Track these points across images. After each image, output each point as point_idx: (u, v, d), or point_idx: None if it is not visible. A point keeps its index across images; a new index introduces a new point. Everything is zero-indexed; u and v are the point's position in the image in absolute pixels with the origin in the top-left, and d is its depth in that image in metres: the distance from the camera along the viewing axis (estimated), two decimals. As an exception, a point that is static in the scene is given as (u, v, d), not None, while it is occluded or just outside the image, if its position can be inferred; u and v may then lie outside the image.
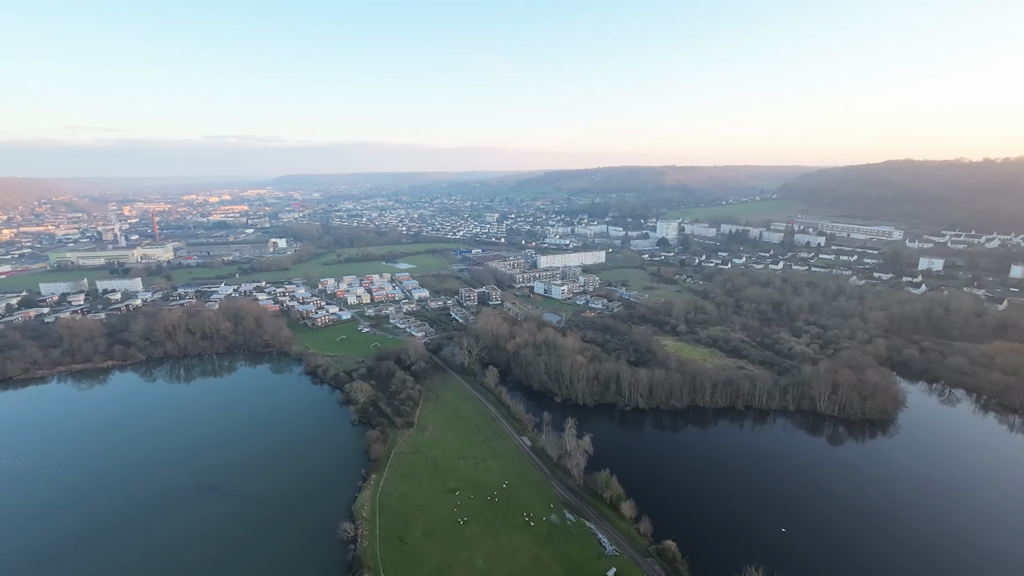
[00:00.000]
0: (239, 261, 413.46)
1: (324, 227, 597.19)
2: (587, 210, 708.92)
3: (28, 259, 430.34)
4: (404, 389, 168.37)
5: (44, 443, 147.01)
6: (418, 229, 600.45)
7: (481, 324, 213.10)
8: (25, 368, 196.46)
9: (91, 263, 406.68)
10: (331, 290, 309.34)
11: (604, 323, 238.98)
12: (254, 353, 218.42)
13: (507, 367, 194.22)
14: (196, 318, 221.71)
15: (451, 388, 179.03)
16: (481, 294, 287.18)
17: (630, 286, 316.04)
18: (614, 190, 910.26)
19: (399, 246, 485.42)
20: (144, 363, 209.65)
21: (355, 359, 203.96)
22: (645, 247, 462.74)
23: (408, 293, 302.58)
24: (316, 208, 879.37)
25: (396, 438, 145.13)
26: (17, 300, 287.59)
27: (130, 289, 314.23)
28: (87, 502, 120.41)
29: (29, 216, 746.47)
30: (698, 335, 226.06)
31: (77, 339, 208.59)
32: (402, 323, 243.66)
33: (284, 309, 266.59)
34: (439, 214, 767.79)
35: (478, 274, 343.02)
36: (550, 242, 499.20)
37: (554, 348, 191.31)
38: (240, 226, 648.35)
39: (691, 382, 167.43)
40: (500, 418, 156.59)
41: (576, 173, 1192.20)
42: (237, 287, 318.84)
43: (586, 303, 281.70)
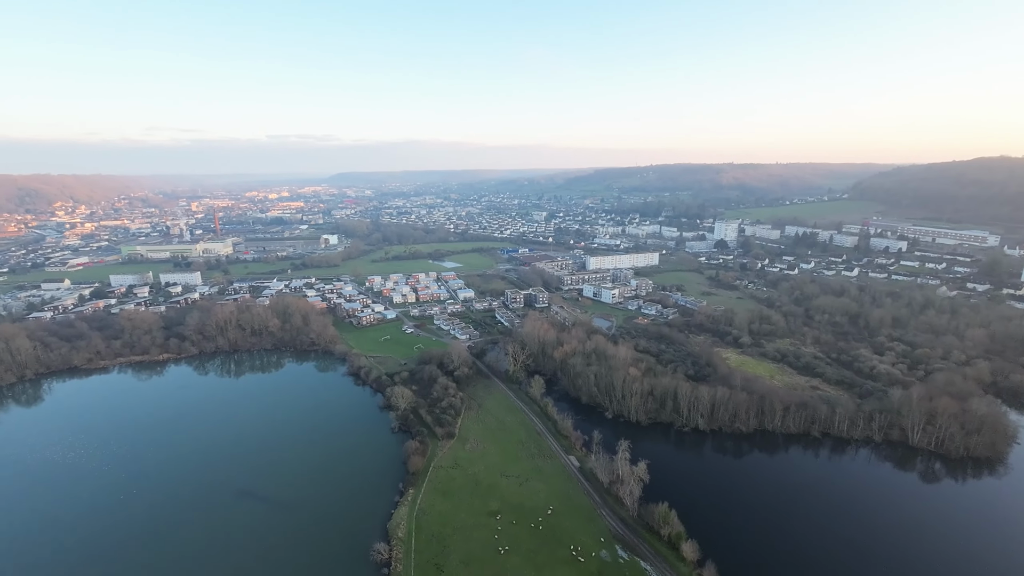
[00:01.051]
0: (292, 257, 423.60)
1: (374, 224, 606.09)
2: (639, 209, 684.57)
3: (104, 251, 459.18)
4: (446, 396, 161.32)
5: (96, 436, 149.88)
6: (465, 227, 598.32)
7: (527, 329, 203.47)
8: (89, 358, 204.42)
9: (158, 256, 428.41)
10: (378, 288, 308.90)
11: (658, 331, 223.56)
12: (300, 351, 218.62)
13: (554, 376, 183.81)
14: (247, 314, 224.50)
15: (494, 397, 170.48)
16: (527, 296, 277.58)
17: (686, 291, 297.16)
18: (668, 188, 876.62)
19: (446, 244, 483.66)
20: (197, 357, 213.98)
21: (398, 361, 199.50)
22: (702, 249, 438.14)
23: (453, 293, 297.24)
24: (368, 205, 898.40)
25: (436, 449, 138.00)
26: (90, 291, 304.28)
27: (190, 283, 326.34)
28: (129, 501, 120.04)
29: (109, 211, 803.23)
30: (764, 348, 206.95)
31: (137, 331, 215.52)
32: (446, 324, 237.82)
33: (331, 307, 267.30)
34: (486, 212, 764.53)
35: (525, 275, 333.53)
36: (599, 242, 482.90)
37: (605, 358, 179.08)
38: (296, 222, 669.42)
39: (759, 403, 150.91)
40: (546, 433, 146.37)
41: (627, 171, 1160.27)
42: (288, 283, 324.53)
43: (638, 309, 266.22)
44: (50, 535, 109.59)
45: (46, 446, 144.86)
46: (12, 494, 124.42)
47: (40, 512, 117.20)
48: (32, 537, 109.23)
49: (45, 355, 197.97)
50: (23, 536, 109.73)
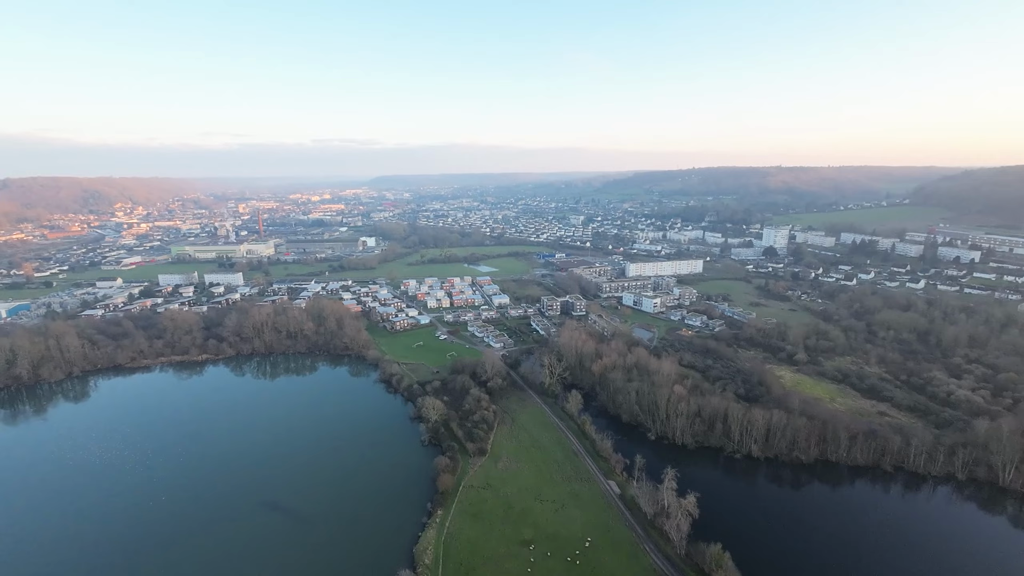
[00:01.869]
0: (330, 259, 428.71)
1: (411, 227, 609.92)
2: (680, 214, 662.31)
3: (155, 251, 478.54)
4: (478, 409, 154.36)
5: (133, 436, 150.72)
6: (501, 231, 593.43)
7: (564, 340, 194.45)
8: (132, 357, 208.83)
9: (204, 256, 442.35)
10: (412, 292, 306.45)
11: (704, 345, 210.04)
12: (334, 355, 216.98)
13: (592, 391, 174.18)
14: (282, 317, 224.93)
15: (529, 411, 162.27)
16: (564, 304, 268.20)
17: (733, 302, 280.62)
18: (711, 192, 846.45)
19: (481, 248, 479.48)
20: (234, 358, 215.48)
21: (430, 369, 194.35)
22: (749, 256, 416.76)
23: (488, 299, 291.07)
24: (406, 208, 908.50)
25: (467, 467, 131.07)
26: (139, 290, 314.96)
27: (232, 283, 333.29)
28: (156, 507, 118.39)
29: (164, 212, 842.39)
30: (822, 367, 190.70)
31: (178, 331, 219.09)
32: (480, 331, 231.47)
33: (366, 310, 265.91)
34: (523, 215, 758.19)
35: (561, 281, 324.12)
36: (639, 248, 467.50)
37: (647, 373, 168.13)
38: (336, 224, 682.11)
39: (821, 430, 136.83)
40: (583, 454, 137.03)
41: (668, 174, 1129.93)
42: (325, 285, 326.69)
43: (682, 319, 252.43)
44: (75, 536, 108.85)
45: (85, 444, 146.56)
46: (47, 492, 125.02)
47: (67, 512, 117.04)
48: (58, 537, 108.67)
49: (92, 353, 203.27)
50: (49, 535, 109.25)
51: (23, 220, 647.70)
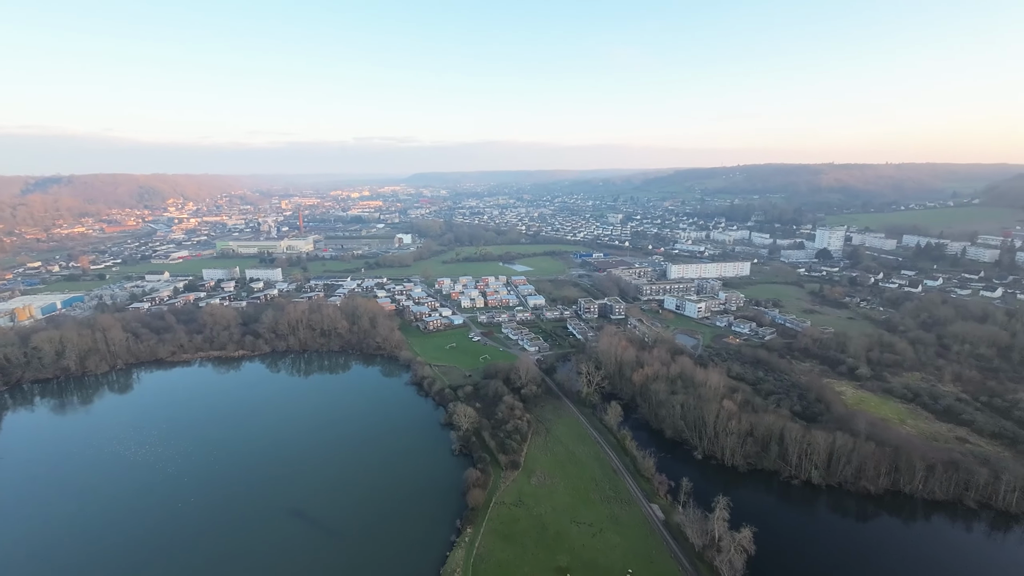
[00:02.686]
0: (367, 256, 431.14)
1: (447, 224, 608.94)
2: (724, 213, 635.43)
3: (202, 246, 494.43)
4: (511, 418, 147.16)
5: (167, 433, 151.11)
6: (537, 229, 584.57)
7: (603, 346, 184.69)
8: (173, 351, 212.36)
9: (247, 252, 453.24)
10: (446, 291, 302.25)
11: (754, 355, 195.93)
12: (366, 354, 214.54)
13: (632, 402, 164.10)
14: (317, 314, 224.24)
15: (564, 421, 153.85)
16: (602, 306, 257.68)
17: (784, 308, 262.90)
18: (757, 191, 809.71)
19: (517, 246, 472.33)
20: (269, 355, 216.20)
21: (462, 372, 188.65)
22: (800, 259, 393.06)
23: (523, 299, 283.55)
24: (442, 205, 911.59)
25: (498, 481, 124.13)
26: (184, 284, 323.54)
27: (271, 279, 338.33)
28: (187, 509, 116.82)
29: (212, 207, 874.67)
30: (888, 383, 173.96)
31: (217, 327, 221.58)
32: (515, 334, 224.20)
33: (399, 309, 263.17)
34: (559, 213, 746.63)
35: (599, 282, 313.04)
36: (681, 248, 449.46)
37: (692, 385, 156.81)
38: (373, 221, 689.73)
39: (892, 457, 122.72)
40: (623, 472, 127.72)
41: (711, 172, 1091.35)
42: (361, 282, 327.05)
43: (729, 326, 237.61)
44: (99, 533, 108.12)
45: (122, 438, 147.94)
46: (80, 485, 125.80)
47: (96, 507, 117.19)
48: (82, 532, 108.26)
49: (135, 346, 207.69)
50: (75, 529, 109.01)
51: (84, 215, 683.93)
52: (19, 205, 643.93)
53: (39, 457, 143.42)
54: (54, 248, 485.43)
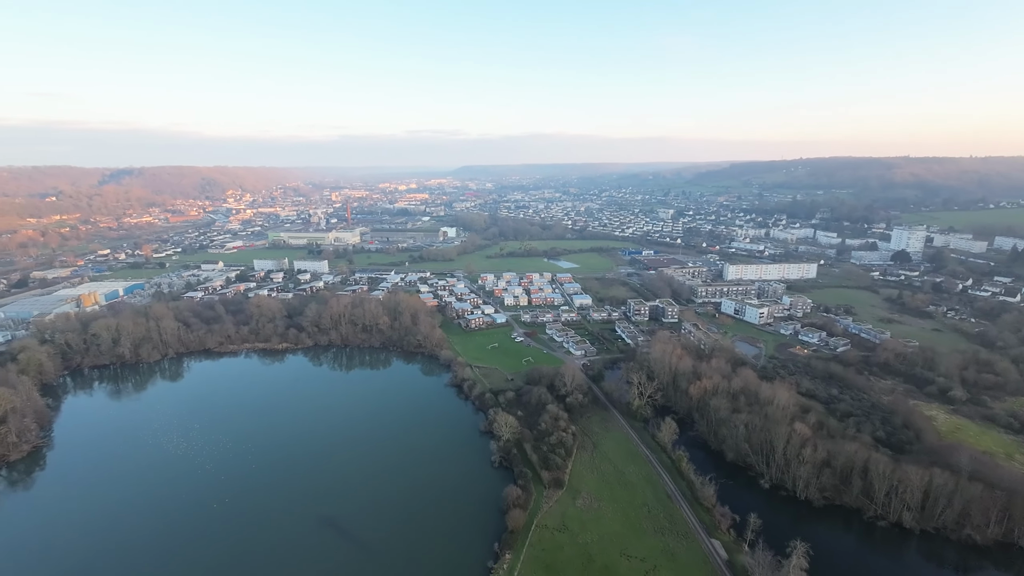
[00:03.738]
0: (411, 249, 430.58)
1: (491, 218, 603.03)
2: (785, 209, 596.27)
3: (255, 236, 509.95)
4: (555, 430, 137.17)
5: (211, 425, 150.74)
6: (584, 224, 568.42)
7: (655, 353, 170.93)
8: (220, 342, 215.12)
9: (297, 243, 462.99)
10: (490, 287, 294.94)
11: (827, 369, 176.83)
12: (407, 351, 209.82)
13: (688, 416, 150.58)
14: (359, 309, 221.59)
15: (613, 435, 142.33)
16: (654, 308, 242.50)
17: (858, 316, 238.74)
18: (821, 186, 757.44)
19: (562, 242, 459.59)
20: (312, 349, 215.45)
21: (504, 375, 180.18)
22: (873, 261, 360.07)
23: (568, 298, 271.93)
24: (487, 198, 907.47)
25: (540, 500, 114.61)
26: (235, 274, 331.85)
27: (317, 271, 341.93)
28: (221, 508, 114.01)
29: (267, 199, 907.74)
30: (989, 409, 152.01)
31: (263, 319, 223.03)
32: (559, 336, 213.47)
33: (441, 305, 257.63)
34: (607, 208, 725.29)
35: (649, 281, 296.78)
36: (738, 246, 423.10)
37: (757, 402, 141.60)
38: (419, 213, 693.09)
39: (1005, 502, 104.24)
40: (679, 498, 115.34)
41: (769, 165, 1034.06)
42: (404, 276, 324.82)
43: (795, 334, 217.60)
44: (130, 526, 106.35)
45: (165, 430, 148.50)
46: (117, 476, 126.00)
47: (131, 499, 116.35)
48: (112, 524, 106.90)
49: (186, 336, 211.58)
50: (106, 522, 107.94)
51: (152, 204, 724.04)
52: (95, 195, 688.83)
53: (89, 441, 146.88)
54: (123, 236, 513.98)
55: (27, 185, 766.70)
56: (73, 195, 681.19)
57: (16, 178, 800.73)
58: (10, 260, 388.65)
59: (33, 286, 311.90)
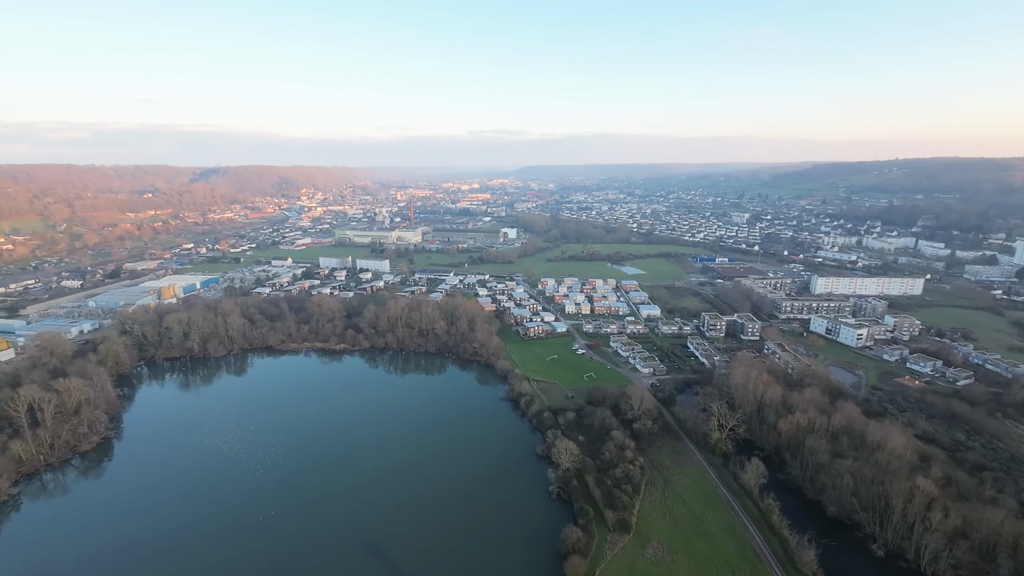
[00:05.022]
0: (471, 249, 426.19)
1: (553, 219, 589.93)
2: (879, 215, 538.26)
3: (323, 234, 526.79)
4: (621, 461, 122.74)
5: (265, 429, 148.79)
6: (650, 227, 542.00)
7: (737, 378, 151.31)
8: (282, 340, 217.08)
9: (361, 241, 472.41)
10: (550, 292, 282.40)
11: (947, 407, 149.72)
12: (463, 359, 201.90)
13: (777, 454, 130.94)
14: (416, 312, 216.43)
15: (687, 472, 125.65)
16: (731, 323, 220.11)
17: (980, 343, 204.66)
18: (921, 189, 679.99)
19: (627, 246, 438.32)
20: (368, 351, 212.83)
21: (564, 391, 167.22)
22: (993, 277, 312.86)
23: (634, 308, 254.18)
24: (549, 199, 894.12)
25: (603, 545, 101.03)
26: (301, 271, 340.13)
27: (378, 270, 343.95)
28: (266, 522, 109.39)
29: (337, 197, 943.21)
30: None
31: (323, 318, 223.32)
32: (625, 350, 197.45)
33: (500, 310, 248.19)
34: (675, 210, 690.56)
35: (725, 292, 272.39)
36: (825, 255, 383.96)
37: (864, 445, 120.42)
38: (480, 214, 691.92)
39: None
40: (770, 559, 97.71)
41: (858, 166, 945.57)
42: (463, 278, 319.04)
43: (901, 361, 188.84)
44: (169, 539, 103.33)
45: (223, 430, 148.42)
46: (168, 476, 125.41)
47: (177, 508, 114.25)
48: (157, 535, 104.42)
49: (250, 332, 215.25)
50: (151, 525, 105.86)
51: (234, 202, 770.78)
52: (185, 192, 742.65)
53: (152, 436, 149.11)
54: (206, 231, 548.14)
55: (129, 182, 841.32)
56: (167, 192, 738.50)
57: (120, 176, 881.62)
58: (108, 252, 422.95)
59: (124, 277, 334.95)
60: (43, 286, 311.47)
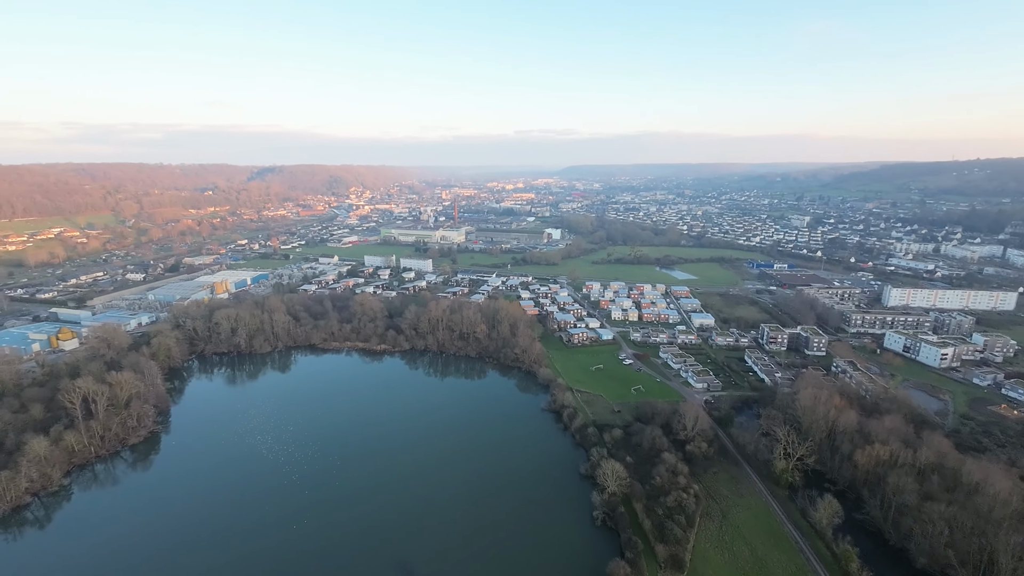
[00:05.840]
0: (514, 250, 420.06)
1: (599, 220, 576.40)
2: (959, 220, 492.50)
3: (369, 232, 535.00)
4: (673, 488, 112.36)
5: (303, 432, 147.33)
6: (701, 230, 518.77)
7: (804, 400, 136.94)
8: (324, 338, 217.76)
9: (406, 239, 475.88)
10: (595, 297, 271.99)
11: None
12: (503, 364, 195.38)
13: (852, 490, 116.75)
14: (457, 315, 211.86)
15: (747, 504, 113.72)
16: (794, 337, 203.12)
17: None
18: (1008, 192, 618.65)
19: (677, 249, 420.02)
20: (408, 353, 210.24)
21: (609, 405, 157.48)
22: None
23: (686, 316, 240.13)
24: (595, 199, 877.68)
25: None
26: (347, 269, 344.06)
27: (421, 270, 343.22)
28: (301, 534, 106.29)
29: (384, 196, 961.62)
30: None
31: (364, 318, 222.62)
32: (676, 362, 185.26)
33: (542, 314, 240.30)
34: (728, 212, 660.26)
35: (785, 302, 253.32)
36: (898, 264, 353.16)
37: (959, 485, 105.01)
38: (524, 214, 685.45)
39: None
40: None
41: (933, 167, 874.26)
42: (506, 279, 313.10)
43: (995, 386, 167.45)
44: (201, 546, 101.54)
45: (262, 430, 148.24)
46: (209, 482, 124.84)
47: (211, 512, 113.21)
48: (189, 540, 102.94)
49: (294, 330, 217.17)
50: (181, 526, 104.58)
51: (287, 199, 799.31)
52: (242, 190, 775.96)
53: (197, 431, 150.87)
54: (260, 228, 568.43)
55: (193, 180, 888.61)
56: (225, 190, 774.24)
57: (186, 174, 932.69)
58: (170, 246, 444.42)
59: (183, 271, 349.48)
60: (110, 278, 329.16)
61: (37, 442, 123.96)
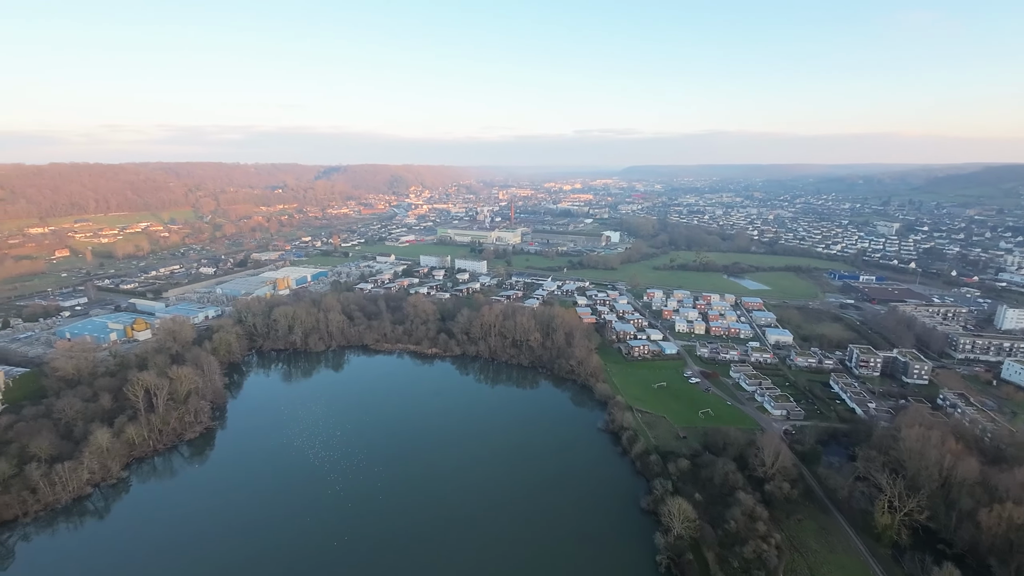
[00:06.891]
0: (571, 253, 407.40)
1: (660, 223, 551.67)
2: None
3: (426, 231, 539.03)
4: (751, 536, 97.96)
5: (350, 438, 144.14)
6: (773, 235, 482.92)
7: (910, 441, 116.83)
8: (377, 339, 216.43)
9: (461, 240, 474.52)
10: (656, 306, 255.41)
11: None
12: (557, 376, 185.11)
13: (975, 553, 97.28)
14: (510, 321, 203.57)
15: (842, 562, 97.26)
16: (889, 361, 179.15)
17: None
18: None
19: (747, 256, 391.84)
20: (459, 358, 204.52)
21: (674, 429, 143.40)
22: None
23: (759, 332, 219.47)
24: (656, 201, 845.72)
25: (729, 654, 78.23)
26: (402, 268, 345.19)
27: (476, 271, 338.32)
28: (334, 559, 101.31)
29: (442, 195, 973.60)
30: None
31: (417, 320, 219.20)
32: (749, 383, 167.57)
33: (600, 323, 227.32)
34: (803, 217, 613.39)
35: (876, 320, 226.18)
36: (1010, 279, 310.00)
37: None
38: (582, 215, 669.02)
39: None
40: None
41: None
42: (561, 284, 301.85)
43: None
44: (239, 556, 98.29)
45: (310, 433, 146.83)
46: (255, 485, 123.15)
47: (253, 518, 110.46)
48: (228, 547, 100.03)
49: (348, 330, 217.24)
50: (224, 540, 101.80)
51: (350, 198, 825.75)
52: (309, 188, 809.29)
53: (249, 430, 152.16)
54: (323, 225, 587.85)
55: (265, 179, 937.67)
56: (294, 188, 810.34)
57: (259, 173, 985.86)
58: (240, 242, 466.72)
59: (250, 266, 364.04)
60: (185, 271, 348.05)
61: (101, 433, 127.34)
